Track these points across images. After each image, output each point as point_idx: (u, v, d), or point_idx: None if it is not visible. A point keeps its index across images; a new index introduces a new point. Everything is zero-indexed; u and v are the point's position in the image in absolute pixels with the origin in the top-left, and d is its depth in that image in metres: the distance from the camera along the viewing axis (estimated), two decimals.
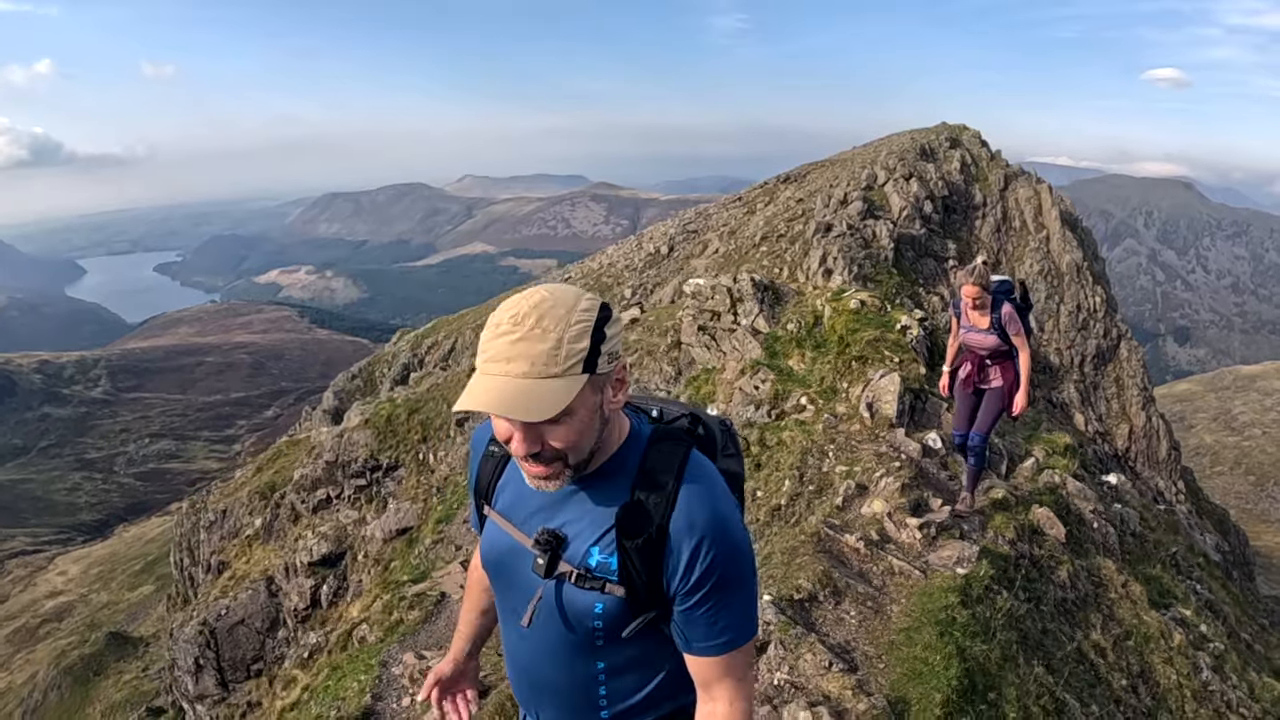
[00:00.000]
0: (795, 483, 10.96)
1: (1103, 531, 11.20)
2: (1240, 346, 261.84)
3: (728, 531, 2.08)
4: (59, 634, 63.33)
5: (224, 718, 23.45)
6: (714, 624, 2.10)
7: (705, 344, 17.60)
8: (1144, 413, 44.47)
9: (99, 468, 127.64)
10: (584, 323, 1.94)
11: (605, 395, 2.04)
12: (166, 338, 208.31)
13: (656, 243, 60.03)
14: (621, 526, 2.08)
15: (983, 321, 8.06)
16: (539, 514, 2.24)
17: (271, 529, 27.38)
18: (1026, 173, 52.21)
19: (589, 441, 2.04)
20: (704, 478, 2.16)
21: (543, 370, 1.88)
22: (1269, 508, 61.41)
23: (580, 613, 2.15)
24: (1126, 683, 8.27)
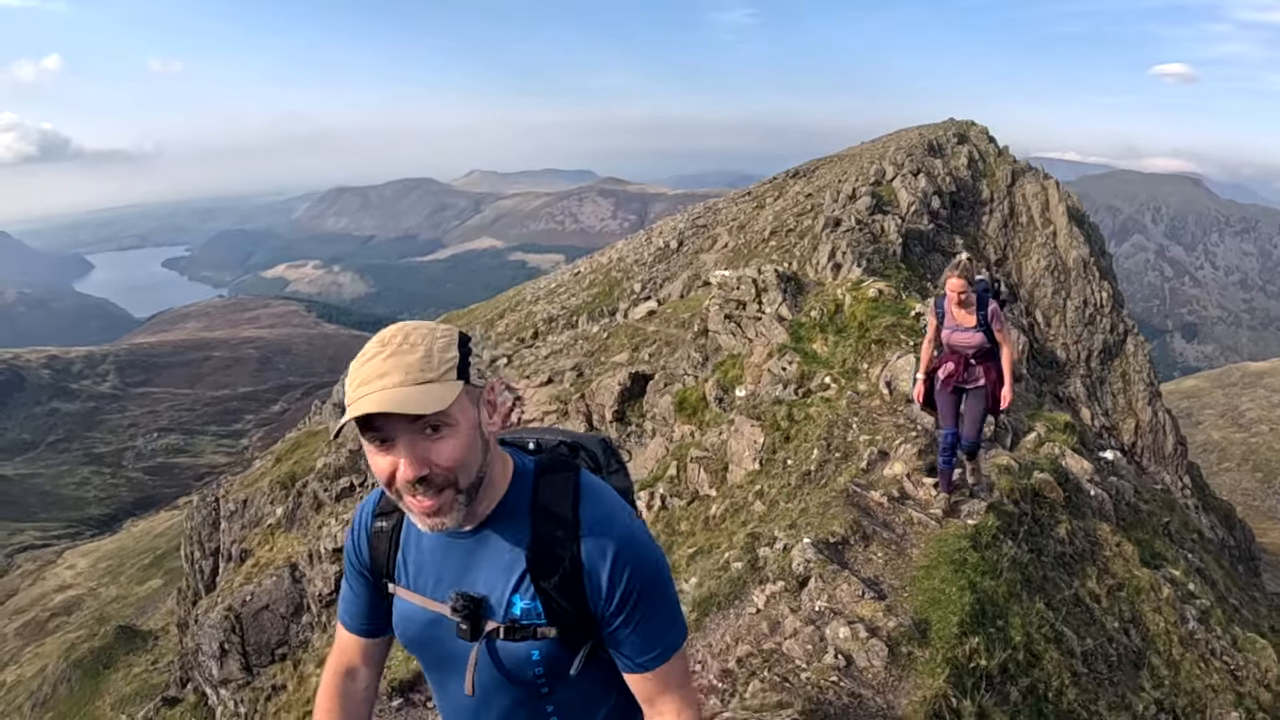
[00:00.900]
0: (823, 450, 12.20)
1: (1099, 499, 12.03)
2: (1248, 343, 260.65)
3: (637, 544, 2.08)
4: (68, 628, 63.59)
5: (248, 701, 24.05)
6: (646, 636, 2.08)
7: (731, 331, 18.72)
8: (1150, 408, 44.45)
9: (107, 462, 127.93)
10: (448, 337, 1.94)
11: (482, 415, 1.99)
12: (174, 333, 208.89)
13: (666, 237, 60.09)
14: (534, 568, 2.05)
15: (969, 319, 7.99)
16: (446, 578, 2.16)
17: (294, 517, 28.07)
18: (1034, 169, 52.17)
19: (476, 462, 1.97)
20: (600, 501, 2.13)
21: (418, 376, 1.84)
22: (1276, 504, 61.34)
23: (519, 664, 2.10)
24: (1118, 625, 9.23)
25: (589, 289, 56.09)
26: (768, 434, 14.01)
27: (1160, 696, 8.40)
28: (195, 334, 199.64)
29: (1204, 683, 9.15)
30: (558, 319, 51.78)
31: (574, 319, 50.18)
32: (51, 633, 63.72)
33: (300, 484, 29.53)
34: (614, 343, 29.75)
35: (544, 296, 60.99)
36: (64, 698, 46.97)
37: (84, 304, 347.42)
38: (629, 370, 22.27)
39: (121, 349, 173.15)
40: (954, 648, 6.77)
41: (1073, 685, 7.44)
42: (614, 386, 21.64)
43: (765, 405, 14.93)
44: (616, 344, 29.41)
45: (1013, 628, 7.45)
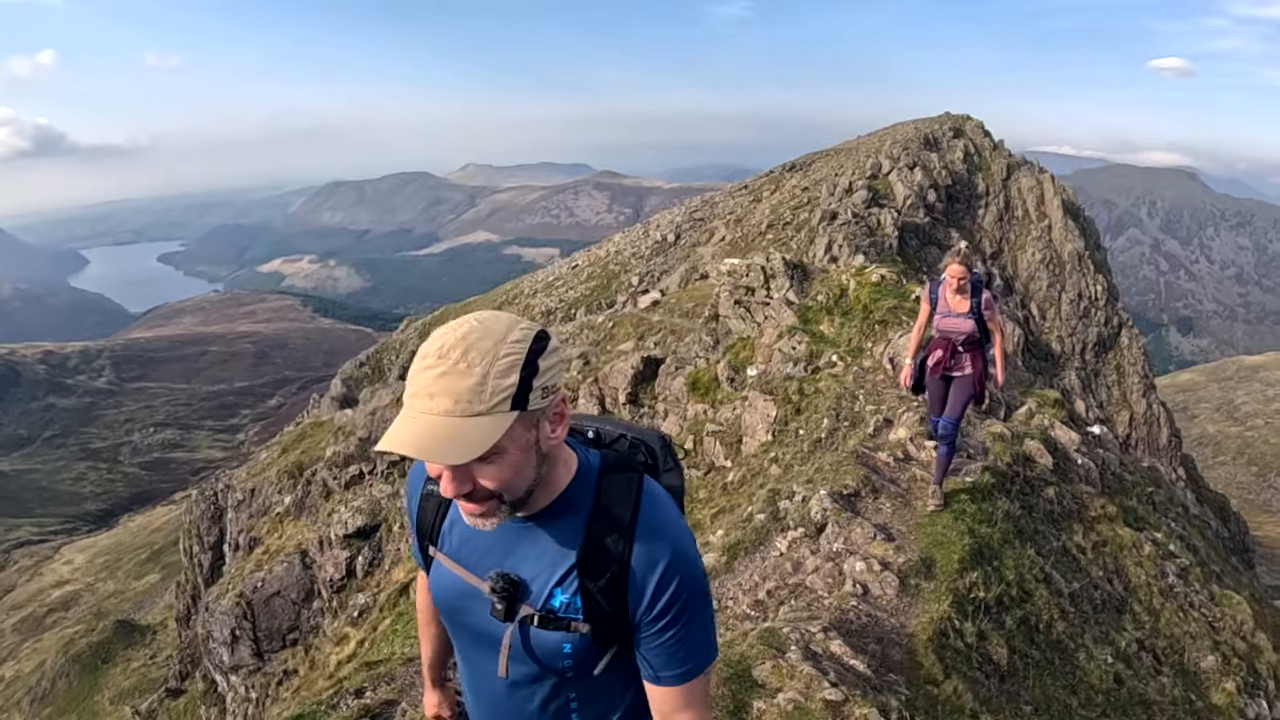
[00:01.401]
0: (833, 420, 13.25)
1: (1085, 467, 12.98)
2: (1244, 337, 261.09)
3: (687, 561, 2.05)
4: (66, 623, 63.59)
5: (260, 686, 24.39)
6: (676, 653, 2.07)
7: (741, 316, 19.54)
8: (1144, 400, 44.65)
9: (104, 457, 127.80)
10: (512, 356, 1.83)
11: (541, 431, 1.94)
12: (170, 327, 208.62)
13: (663, 230, 60.24)
14: (584, 568, 2.04)
15: (962, 305, 8.17)
16: (490, 555, 2.16)
17: (303, 505, 28.35)
18: (1029, 162, 52.32)
19: (525, 480, 1.95)
20: (660, 508, 2.11)
21: (466, 408, 1.78)
22: (1271, 498, 61.43)
23: (549, 653, 2.11)
24: (1103, 574, 10.16)
25: (587, 282, 56.21)
26: (780, 407, 15.04)
27: (1141, 637, 9.33)
28: (191, 329, 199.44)
29: (1182, 629, 10.05)
30: (556, 311, 51.93)
31: (572, 311, 50.32)
32: (49, 628, 63.70)
33: (309, 473, 29.91)
34: (619, 332, 30.18)
35: (542, 290, 61.10)
36: (63, 693, 47.00)
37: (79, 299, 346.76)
38: (641, 354, 22.98)
39: (117, 344, 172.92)
40: (955, 581, 7.86)
41: (1061, 620, 8.47)
42: (627, 370, 22.31)
43: (777, 382, 15.96)
44: (622, 333, 29.86)
45: (1006, 568, 8.52)
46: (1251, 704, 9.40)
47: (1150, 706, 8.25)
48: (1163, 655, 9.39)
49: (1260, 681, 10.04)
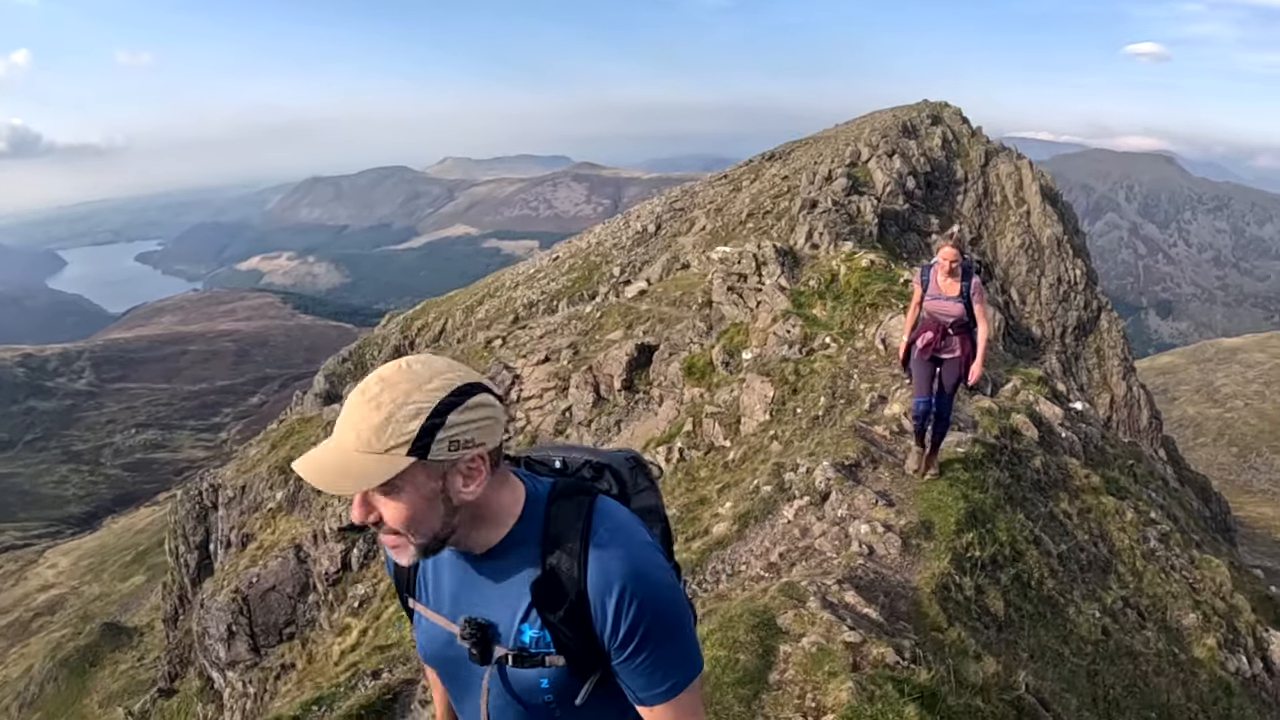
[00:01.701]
0: (829, 398, 14.02)
1: (1069, 440, 13.88)
2: (1222, 319, 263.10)
3: (646, 577, 2.01)
4: (52, 627, 63.31)
5: (258, 681, 24.47)
6: (655, 672, 2.03)
7: (734, 302, 20.33)
8: (1124, 382, 45.06)
9: (86, 460, 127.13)
10: (420, 404, 1.83)
11: (450, 484, 1.92)
12: (150, 327, 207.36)
13: (644, 221, 60.25)
14: (539, 601, 2.02)
15: (953, 289, 8.31)
16: (459, 599, 2.16)
17: (295, 500, 28.50)
18: (1007, 149, 52.60)
19: (428, 526, 1.94)
20: (613, 528, 2.06)
21: (364, 445, 1.81)
22: (1251, 478, 62.06)
23: (528, 689, 2.10)
24: (1088, 538, 10.82)
25: (568, 273, 56.20)
26: (777, 388, 15.65)
27: (1126, 595, 9.95)
28: (171, 328, 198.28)
29: (1164, 589, 10.68)
30: (538, 304, 51.89)
31: (554, 304, 50.32)
32: (36, 632, 63.41)
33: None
34: (608, 321, 30.50)
35: (523, 282, 60.99)
36: (51, 697, 46.85)
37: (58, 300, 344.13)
38: (635, 342, 23.54)
39: (97, 345, 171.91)
40: (953, 541, 8.45)
41: (1051, 577, 9.07)
42: (621, 357, 22.95)
43: (773, 364, 16.64)
44: (610, 322, 30.21)
45: (999, 530, 9.10)
46: (1232, 659, 9.91)
47: (1136, 658, 8.77)
48: (1146, 612, 9.96)
49: (1240, 639, 10.56)
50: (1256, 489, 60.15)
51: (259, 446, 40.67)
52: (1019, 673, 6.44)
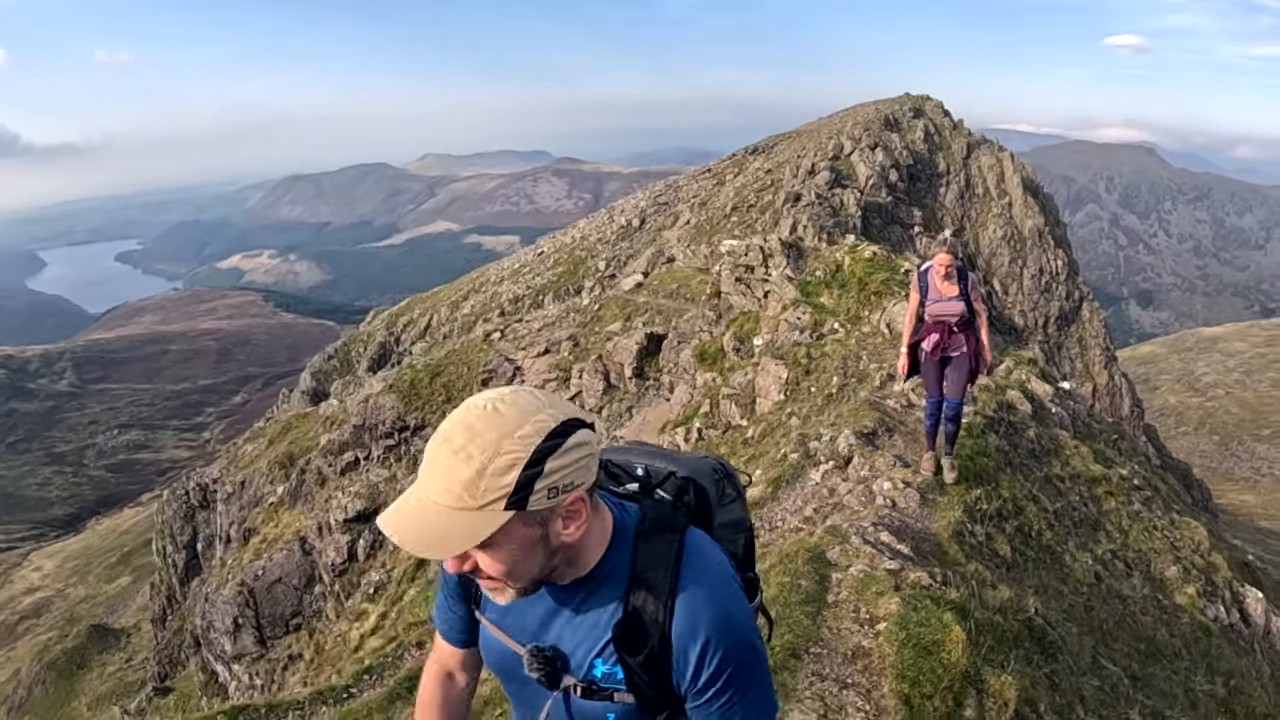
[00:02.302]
0: (841, 377, 15.16)
1: (1059, 415, 15.15)
2: (1203, 309, 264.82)
3: (733, 628, 1.96)
4: (38, 630, 62.99)
5: (264, 672, 24.80)
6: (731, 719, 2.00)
7: (742, 292, 21.47)
8: (1106, 371, 45.45)
9: (69, 461, 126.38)
10: (514, 454, 1.73)
11: (551, 529, 1.86)
12: (131, 327, 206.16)
13: (628, 215, 60.32)
14: (621, 643, 1.97)
15: (952, 290, 8.62)
16: (530, 625, 2.11)
17: (298, 494, 28.83)
18: (989, 141, 52.92)
19: (527, 571, 1.89)
20: (703, 571, 2.01)
21: (457, 501, 1.73)
22: (1233, 466, 62.48)
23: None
24: (1079, 499, 11.97)
25: (553, 268, 56.25)
26: (791, 370, 16.80)
27: (1114, 549, 11.07)
28: (152, 328, 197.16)
29: (1148, 545, 11.88)
30: (523, 299, 51.92)
31: (540, 298, 50.38)
32: (22, 636, 63.09)
33: (303, 462, 30.46)
34: (606, 314, 31.05)
35: (508, 277, 60.99)
36: (39, 700, 46.59)
37: (37, 301, 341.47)
38: (645, 331, 24.48)
39: (78, 346, 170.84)
40: (964, 496, 9.56)
41: (1048, 529, 10.21)
42: (631, 346, 23.90)
43: (786, 348, 17.72)
44: (609, 315, 30.78)
45: (1002, 488, 10.19)
46: (1210, 607, 11.01)
47: (1125, 600, 9.81)
48: (1132, 564, 11.04)
49: (1218, 591, 11.66)
50: (1238, 477, 60.58)
51: (255, 443, 40.76)
52: (1029, 600, 7.59)
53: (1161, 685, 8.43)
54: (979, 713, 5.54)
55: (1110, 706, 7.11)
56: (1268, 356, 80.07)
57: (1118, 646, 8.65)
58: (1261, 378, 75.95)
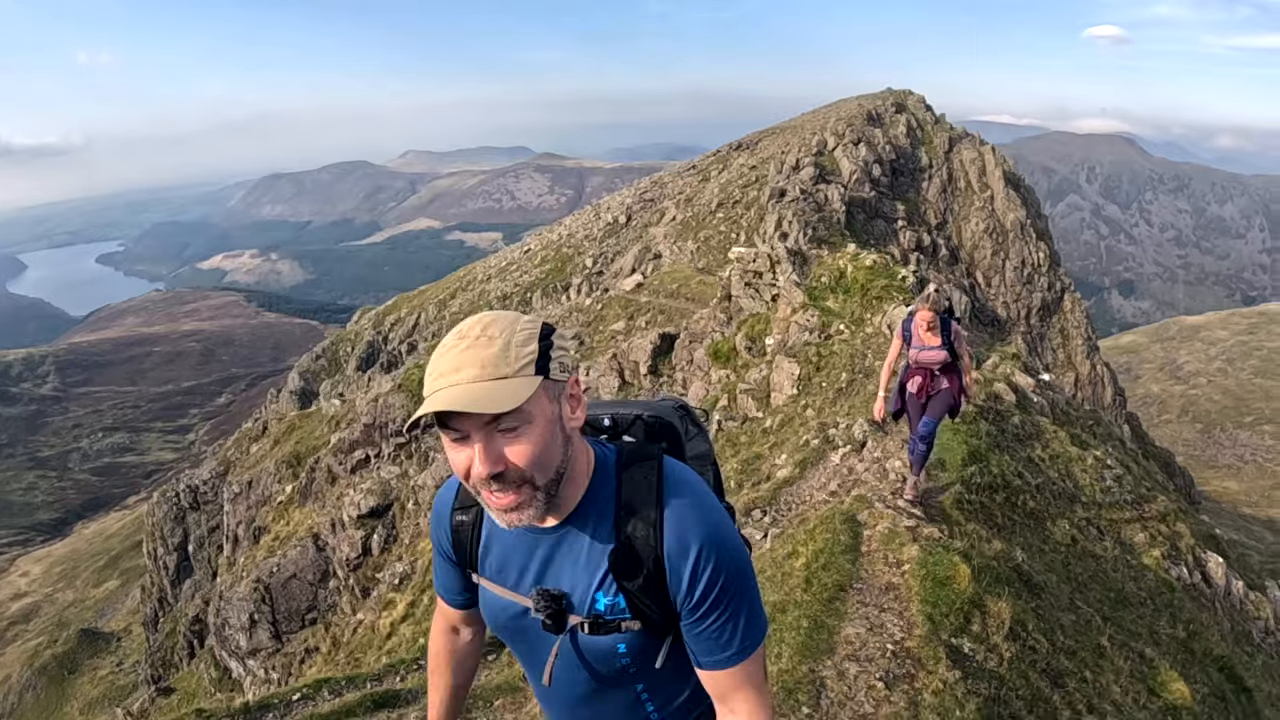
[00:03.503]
0: (850, 373, 16.77)
1: (1040, 403, 16.87)
2: (1184, 298, 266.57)
3: (722, 541, 2.04)
4: (27, 635, 62.80)
5: (281, 666, 25.27)
6: (721, 635, 2.06)
7: (751, 296, 22.95)
8: (1089, 361, 45.91)
9: (53, 465, 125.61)
10: (529, 330, 1.91)
11: (563, 409, 1.97)
12: (113, 329, 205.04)
13: (614, 212, 60.51)
14: (618, 570, 2.04)
15: (935, 339, 9.12)
16: (529, 571, 2.17)
17: (308, 492, 29.48)
18: (970, 135, 53.30)
19: (553, 459, 1.95)
20: (685, 491, 2.09)
21: (493, 372, 1.84)
22: (1216, 454, 63.06)
23: (605, 655, 2.13)
24: (1058, 476, 13.56)
25: (541, 266, 56.45)
26: (803, 367, 18.39)
27: (1088, 517, 12.61)
28: (134, 330, 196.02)
29: (1119, 516, 13.45)
30: (512, 296, 52.12)
31: (528, 295, 50.59)
32: (10, 642, 62.86)
33: (312, 460, 31.04)
34: (609, 313, 31.91)
35: (496, 275, 61.13)
36: (31, 706, 46.50)
37: (18, 305, 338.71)
38: (658, 331, 25.94)
39: (60, 349, 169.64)
40: (961, 472, 11.12)
41: (1032, 500, 11.67)
42: (646, 345, 25.20)
43: (798, 347, 19.26)
44: (612, 314, 31.69)
45: (993, 465, 11.63)
46: (1174, 568, 12.37)
47: (1098, 559, 11.26)
48: (1104, 530, 12.51)
49: (1181, 555, 13.08)
50: (1221, 464, 61.18)
51: (260, 444, 40.98)
52: (1017, 553, 9.31)
53: (1129, 625, 9.66)
54: (982, 628, 7.20)
55: (1085, 634, 8.54)
56: (1249, 344, 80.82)
57: (1091, 594, 9.98)
58: (1243, 365, 76.66)
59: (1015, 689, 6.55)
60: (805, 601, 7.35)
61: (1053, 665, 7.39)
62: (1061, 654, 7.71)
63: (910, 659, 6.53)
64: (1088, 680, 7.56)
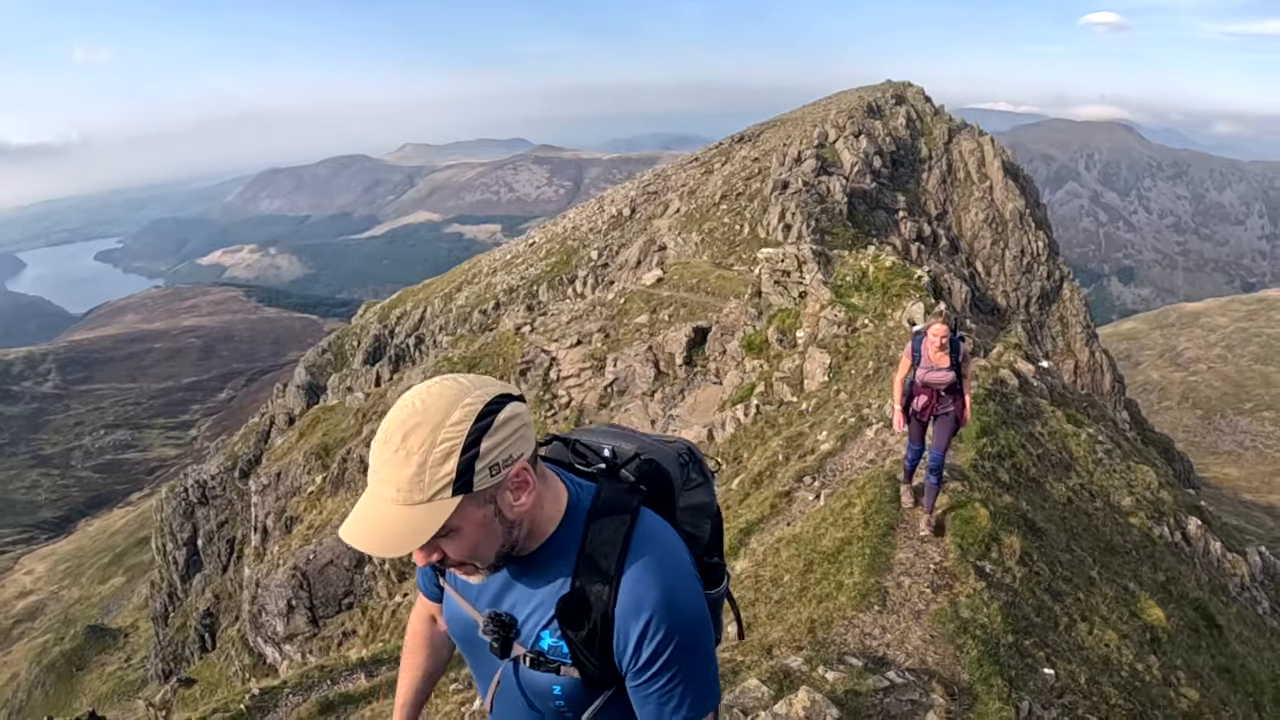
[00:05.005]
0: (876, 362, 18.43)
1: (1040, 387, 18.92)
2: (1184, 284, 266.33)
3: (676, 607, 1.98)
4: (34, 633, 63.00)
5: (318, 650, 26.05)
6: (668, 702, 2.01)
7: (779, 293, 24.67)
8: (1088, 349, 46.17)
9: (55, 463, 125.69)
10: (450, 442, 1.81)
11: (502, 502, 1.93)
12: (113, 327, 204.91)
13: (618, 205, 60.63)
14: (563, 618, 2.01)
15: (944, 361, 9.23)
16: (487, 592, 2.17)
17: (340, 481, 30.45)
18: (969, 125, 53.50)
19: (490, 549, 1.97)
20: (651, 552, 2.04)
21: (407, 498, 1.80)
22: (1216, 440, 63.22)
23: (540, 693, 2.11)
24: (1055, 449, 15.53)
25: (546, 259, 56.56)
26: (833, 357, 20.21)
27: (1082, 483, 14.51)
28: (134, 326, 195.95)
29: (1108, 483, 15.52)
30: (518, 289, 52.24)
31: (534, 288, 50.73)
32: (17, 639, 63.07)
33: (343, 452, 31.91)
34: (632, 307, 33.03)
35: (501, 268, 61.24)
36: (40, 702, 46.68)
37: (18, 303, 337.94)
38: (691, 324, 27.79)
39: (60, 347, 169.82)
40: (975, 443, 12.69)
41: (1033, 467, 13.34)
42: (680, 338, 27.24)
43: (828, 339, 21.15)
44: (635, 308, 32.97)
45: (1001, 439, 13.36)
46: (1157, 527, 14.42)
47: (1090, 516, 13.09)
48: (1095, 494, 14.41)
49: (1164, 517, 15.19)
50: (1221, 450, 61.36)
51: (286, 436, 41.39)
52: (1023, 504, 11.20)
53: (1116, 568, 11.59)
54: (999, 555, 9.35)
55: (1079, 569, 10.55)
56: (1248, 331, 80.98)
57: (1083, 542, 11.78)
58: (1243, 352, 76.82)
59: (1025, 599, 8.80)
60: (865, 536, 9.34)
61: (1053, 586, 9.55)
62: (1060, 579, 9.82)
63: (948, 574, 8.65)
64: (1081, 600, 9.69)
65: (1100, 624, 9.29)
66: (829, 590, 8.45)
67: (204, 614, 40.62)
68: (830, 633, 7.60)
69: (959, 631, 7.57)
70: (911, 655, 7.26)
